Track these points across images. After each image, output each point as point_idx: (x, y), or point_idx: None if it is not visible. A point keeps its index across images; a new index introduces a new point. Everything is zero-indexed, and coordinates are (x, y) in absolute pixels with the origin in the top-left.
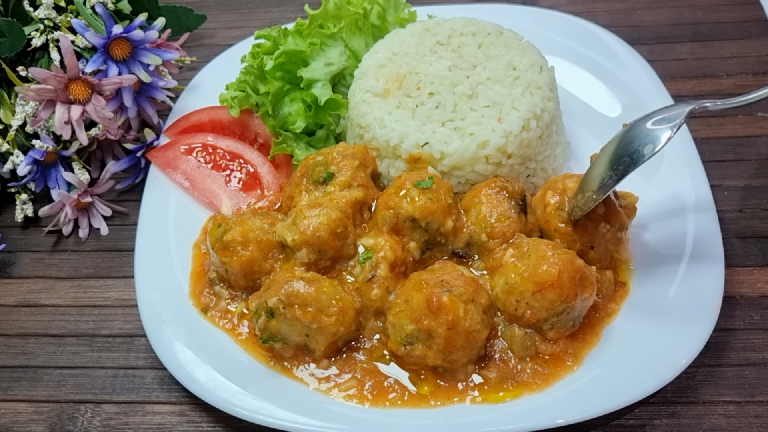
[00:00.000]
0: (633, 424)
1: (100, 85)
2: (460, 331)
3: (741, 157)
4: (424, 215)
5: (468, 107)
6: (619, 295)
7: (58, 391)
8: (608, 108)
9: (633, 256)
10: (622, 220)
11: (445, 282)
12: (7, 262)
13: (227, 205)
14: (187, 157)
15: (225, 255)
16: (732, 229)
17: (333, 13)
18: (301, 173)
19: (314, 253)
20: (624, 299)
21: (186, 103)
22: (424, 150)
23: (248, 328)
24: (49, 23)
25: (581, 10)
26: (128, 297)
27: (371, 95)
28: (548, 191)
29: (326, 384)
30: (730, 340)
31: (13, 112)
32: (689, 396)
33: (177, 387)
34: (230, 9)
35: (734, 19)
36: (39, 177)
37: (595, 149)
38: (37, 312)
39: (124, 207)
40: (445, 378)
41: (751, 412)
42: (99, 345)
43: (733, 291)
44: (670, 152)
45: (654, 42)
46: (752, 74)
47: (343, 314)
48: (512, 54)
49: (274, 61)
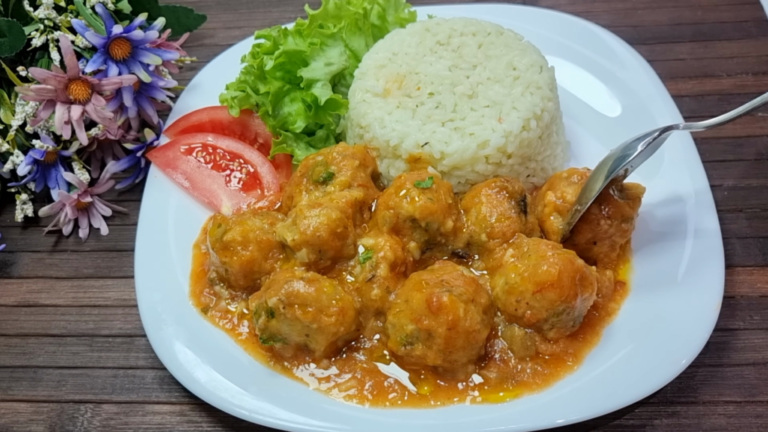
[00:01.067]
0: (633, 424)
1: (100, 85)
2: (460, 331)
3: (741, 157)
4: (424, 215)
5: (468, 107)
6: (619, 295)
7: (58, 391)
8: (608, 108)
9: (633, 255)
10: (625, 212)
11: (445, 282)
12: (7, 262)
13: (227, 205)
14: (187, 157)
15: (225, 255)
16: (732, 229)
17: (333, 13)
18: (301, 173)
19: (314, 253)
20: (624, 299)
21: (186, 103)
22: (424, 150)
23: (248, 328)
24: (49, 23)
25: (581, 10)
26: (128, 297)
27: (371, 95)
28: (548, 192)
29: (326, 384)
30: (730, 340)
31: (13, 112)
32: (689, 396)
33: (177, 387)
34: (230, 9)
35: (734, 19)
36: (39, 177)
37: (595, 149)
38: (37, 312)
39: (124, 207)
40: (445, 378)
41: (751, 412)
42: (99, 345)
43: (733, 291)
44: (670, 152)
45: (654, 42)
46: (752, 74)
47: (343, 314)
48: (512, 54)
49: (274, 61)
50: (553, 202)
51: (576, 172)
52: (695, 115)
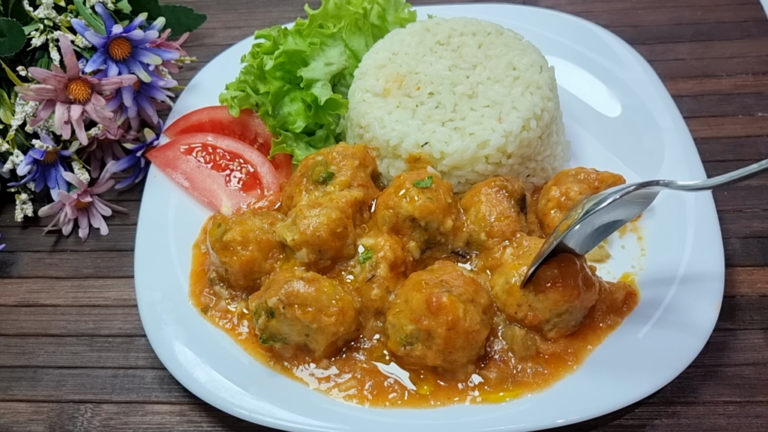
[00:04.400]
0: (633, 424)
1: (99, 84)
2: (460, 332)
3: (741, 157)
4: (424, 215)
5: (468, 107)
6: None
7: (58, 391)
8: (608, 108)
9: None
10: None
11: (445, 282)
12: (7, 262)
13: (227, 205)
14: (186, 156)
15: (225, 255)
16: (732, 229)
17: (333, 13)
18: (301, 173)
19: (314, 253)
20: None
21: (186, 102)
22: (424, 150)
23: (248, 328)
24: (48, 23)
25: (581, 10)
26: (128, 297)
27: (371, 95)
28: (553, 187)
29: (326, 384)
30: (730, 340)
31: (12, 111)
32: (689, 396)
33: (177, 387)
34: (230, 9)
35: (734, 19)
36: (39, 177)
37: (595, 149)
38: (36, 312)
39: (124, 207)
40: (445, 378)
41: (751, 412)
42: (99, 345)
43: (733, 291)
44: (669, 152)
45: (654, 42)
46: (752, 74)
47: (343, 314)
48: (512, 54)
49: (274, 60)
50: (556, 198)
51: (583, 171)
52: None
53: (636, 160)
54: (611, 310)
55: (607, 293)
